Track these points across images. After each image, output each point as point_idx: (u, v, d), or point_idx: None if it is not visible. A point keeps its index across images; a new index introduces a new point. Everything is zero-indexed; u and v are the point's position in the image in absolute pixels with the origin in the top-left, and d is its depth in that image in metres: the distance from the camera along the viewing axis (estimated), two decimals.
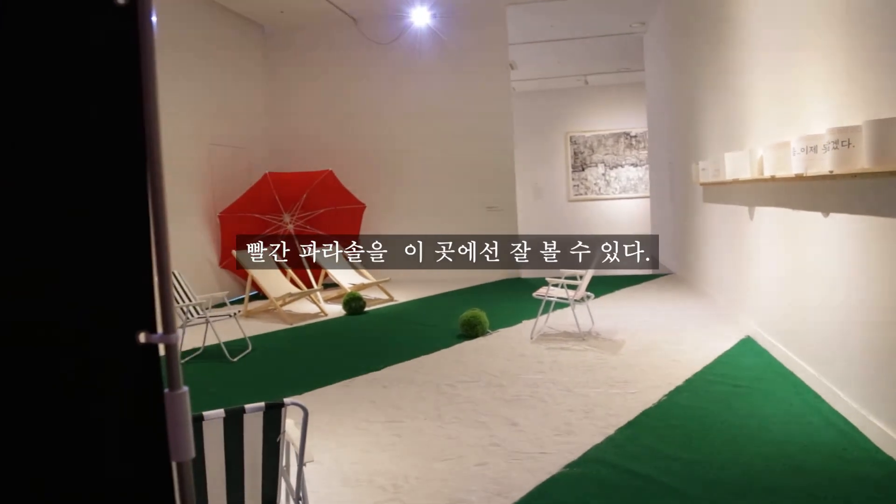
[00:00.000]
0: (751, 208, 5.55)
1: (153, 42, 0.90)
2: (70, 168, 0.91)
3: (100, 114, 0.91)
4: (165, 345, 0.96)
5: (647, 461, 3.29)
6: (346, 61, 10.73)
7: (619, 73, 14.80)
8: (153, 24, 0.90)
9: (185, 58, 8.89)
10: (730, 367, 4.83)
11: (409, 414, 4.25)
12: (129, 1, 0.90)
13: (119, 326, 0.95)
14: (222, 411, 1.95)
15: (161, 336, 0.95)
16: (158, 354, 0.99)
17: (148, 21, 0.89)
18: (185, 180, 8.86)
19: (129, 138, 0.93)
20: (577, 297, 6.03)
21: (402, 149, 10.69)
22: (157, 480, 0.97)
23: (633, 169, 16.45)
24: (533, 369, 5.10)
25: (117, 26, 0.89)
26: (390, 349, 6.05)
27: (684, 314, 6.82)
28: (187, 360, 6.05)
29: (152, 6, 0.89)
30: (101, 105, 0.92)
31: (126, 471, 0.95)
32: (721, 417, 3.83)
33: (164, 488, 0.98)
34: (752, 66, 5.31)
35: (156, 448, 0.97)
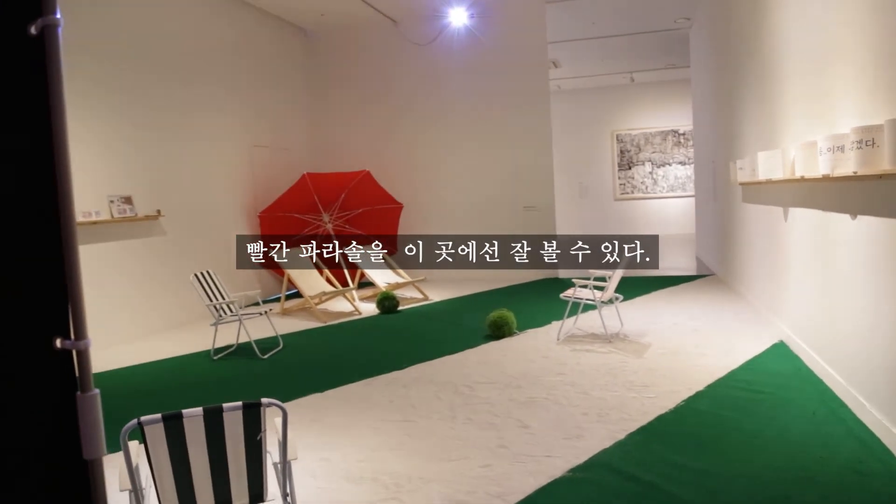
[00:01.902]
0: (785, 209, 5.36)
1: (61, 70, 0.95)
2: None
3: (9, 134, 0.97)
4: (76, 350, 1.01)
5: (654, 468, 3.23)
6: (385, 62, 10.84)
7: (666, 70, 14.48)
8: (60, 54, 0.95)
9: (228, 61, 9.14)
10: (756, 373, 4.68)
11: (424, 414, 4.28)
12: (39, 32, 0.96)
13: (34, 332, 1.00)
14: (201, 409, 2.02)
15: (73, 342, 1.00)
16: (73, 359, 1.04)
17: (56, 51, 0.94)
18: (227, 181, 9.12)
19: (38, 153, 0.99)
20: (604, 299, 5.95)
21: (441, 149, 10.74)
22: (71, 479, 1.02)
23: (680, 167, 16.08)
24: (553, 371, 5.06)
25: (28, 56, 0.95)
26: (416, 348, 6.10)
27: (718, 317, 6.63)
28: (220, 357, 6.24)
29: (60, 38, 0.94)
30: (11, 125, 0.97)
31: (41, 470, 1.01)
32: (738, 425, 3.73)
33: (78, 486, 1.03)
34: (786, 62, 5.13)
35: (70, 447, 1.02)
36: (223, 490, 2.23)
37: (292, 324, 7.72)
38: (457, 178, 10.73)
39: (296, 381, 5.28)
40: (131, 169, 7.41)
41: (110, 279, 7.01)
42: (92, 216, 6.81)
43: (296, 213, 9.76)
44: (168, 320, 7.82)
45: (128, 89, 7.38)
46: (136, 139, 7.49)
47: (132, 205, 7.36)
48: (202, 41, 8.69)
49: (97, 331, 6.77)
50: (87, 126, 6.80)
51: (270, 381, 5.30)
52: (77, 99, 6.69)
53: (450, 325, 7.12)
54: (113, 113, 7.16)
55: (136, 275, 7.40)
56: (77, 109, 6.68)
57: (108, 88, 7.11)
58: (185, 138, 8.30)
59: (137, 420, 1.97)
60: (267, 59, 10.09)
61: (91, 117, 6.87)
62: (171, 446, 2.07)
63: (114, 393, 5.21)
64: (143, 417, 1.98)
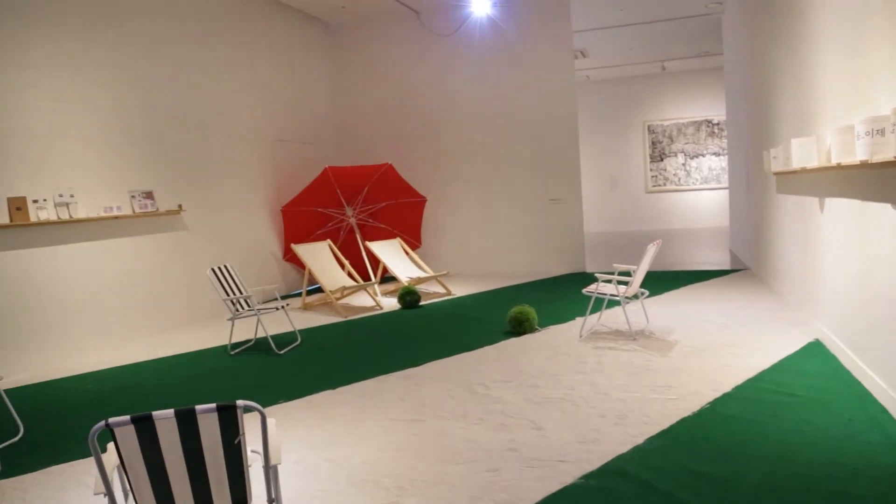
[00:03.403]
0: (820, 199, 5.06)
1: None
2: None
3: None
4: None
5: (672, 476, 3.02)
6: (408, 54, 10.69)
7: (699, 58, 14.04)
8: None
9: (249, 55, 9.09)
10: (788, 374, 4.41)
11: (435, 413, 4.13)
12: None
13: None
14: (172, 411, 1.90)
15: None
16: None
17: None
18: (250, 175, 9.08)
19: None
20: (628, 294, 5.71)
21: (465, 141, 10.56)
22: None
23: (714, 158, 15.62)
24: (573, 370, 4.86)
25: None
26: (434, 345, 5.95)
27: (749, 314, 6.34)
28: (237, 352, 6.18)
29: None
30: None
31: None
32: (766, 431, 3.49)
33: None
34: (822, 41, 4.82)
35: None
36: (203, 494, 2.11)
37: (312, 318, 7.64)
38: (480, 171, 10.54)
39: (309, 377, 5.18)
40: (152, 164, 7.40)
41: (132, 274, 7.01)
42: (114, 211, 6.82)
43: (319, 207, 9.69)
44: (189, 315, 7.81)
45: (149, 83, 7.36)
46: (158, 134, 7.48)
47: (153, 200, 7.35)
48: (224, 35, 8.64)
49: (117, 325, 6.79)
50: (107, 121, 6.79)
51: (284, 377, 5.20)
52: (98, 93, 6.68)
53: (470, 320, 6.95)
54: (134, 107, 7.15)
55: (158, 269, 7.39)
56: (97, 104, 6.67)
57: (129, 82, 7.09)
58: (207, 133, 8.27)
59: (105, 422, 1.85)
60: (289, 53, 10.03)
61: (111, 112, 6.86)
62: (144, 449, 1.95)
63: (127, 387, 5.17)
64: (111, 419, 1.86)
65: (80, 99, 6.52)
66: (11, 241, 5.79)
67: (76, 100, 6.48)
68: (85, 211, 6.50)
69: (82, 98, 6.55)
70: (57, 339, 6.16)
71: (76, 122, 6.47)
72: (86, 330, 6.46)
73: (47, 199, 6.12)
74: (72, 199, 6.33)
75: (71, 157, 6.40)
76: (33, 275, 5.96)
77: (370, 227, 10.23)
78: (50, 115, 6.20)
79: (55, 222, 6.10)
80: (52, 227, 6.16)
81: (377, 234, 10.24)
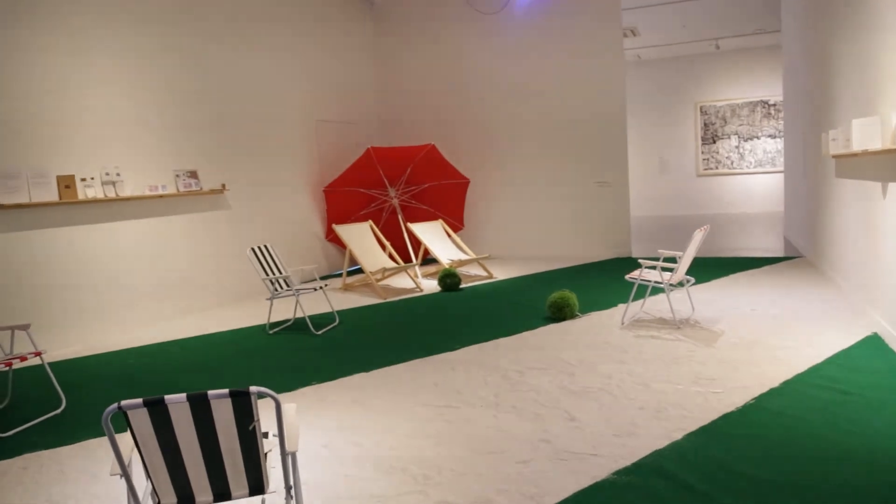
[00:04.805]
0: (883, 184, 4.74)
1: None
2: None
3: None
4: None
5: (710, 475, 2.87)
6: (452, 33, 10.52)
7: (755, 36, 13.43)
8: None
9: (294, 35, 9.08)
10: (842, 370, 4.17)
11: (468, 400, 4.05)
12: None
13: None
14: (184, 396, 1.86)
15: None
16: None
17: None
18: (293, 155, 9.11)
19: None
20: (672, 282, 5.50)
21: (509, 121, 10.36)
22: None
23: (770, 141, 14.99)
24: (613, 359, 4.71)
25: None
26: (472, 329, 5.87)
27: (803, 304, 6.04)
28: (276, 331, 6.22)
29: None
30: None
31: None
32: (815, 430, 3.29)
33: None
34: (888, 19, 4.48)
35: None
36: (220, 479, 2.08)
37: (352, 299, 7.65)
38: (525, 152, 10.34)
39: (344, 358, 5.16)
40: (197, 144, 7.48)
41: (175, 252, 7.12)
42: (158, 190, 6.92)
43: (361, 188, 9.67)
44: (230, 293, 7.92)
45: (193, 64, 7.41)
46: (202, 113, 7.54)
47: (197, 179, 7.44)
48: (267, 13, 8.64)
49: (160, 302, 6.92)
50: (154, 101, 6.87)
51: (318, 358, 5.20)
52: (145, 75, 6.75)
53: (510, 304, 6.84)
54: (177, 87, 7.21)
55: (201, 248, 7.49)
56: (141, 83, 6.75)
57: (173, 63, 7.15)
58: (250, 112, 8.31)
59: (118, 404, 1.82)
60: (333, 32, 9.98)
61: (155, 92, 6.93)
62: (159, 432, 1.92)
63: (167, 363, 5.25)
64: (123, 402, 1.83)
65: (127, 81, 6.60)
66: (60, 219, 5.93)
67: (124, 81, 6.56)
68: (130, 189, 6.62)
69: (130, 80, 6.63)
70: (101, 315, 6.31)
71: (123, 102, 6.56)
72: (129, 306, 6.59)
73: (95, 177, 6.23)
74: (118, 177, 6.44)
75: (118, 136, 6.50)
76: (80, 252, 6.10)
77: (413, 208, 10.17)
78: (99, 96, 6.30)
79: (102, 200, 6.22)
80: (98, 204, 6.28)
81: (420, 215, 10.18)
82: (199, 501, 2.11)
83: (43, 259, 5.76)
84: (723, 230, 12.14)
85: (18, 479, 3.30)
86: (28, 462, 3.51)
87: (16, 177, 5.54)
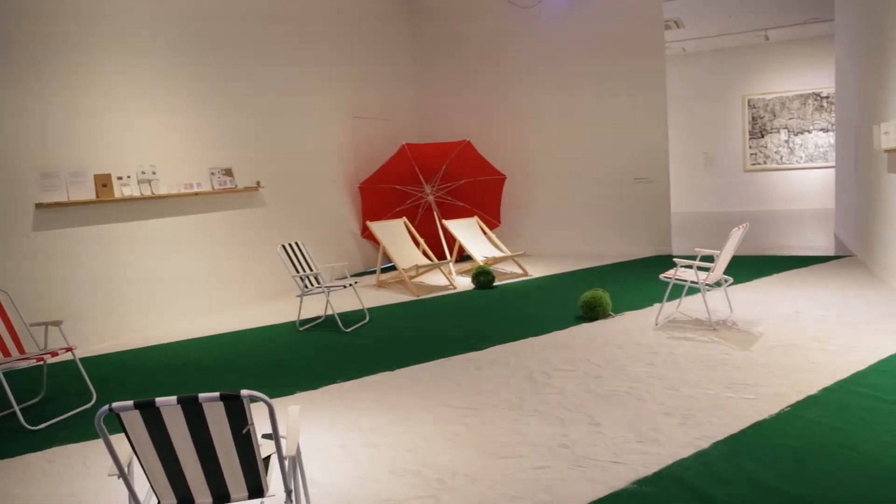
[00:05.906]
0: None
1: None
2: None
3: None
4: None
5: (736, 488, 2.73)
6: (490, 27, 10.40)
7: (806, 26, 12.90)
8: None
9: (330, 30, 9.11)
10: (887, 377, 3.93)
11: (490, 401, 3.97)
12: None
13: None
14: (175, 398, 1.83)
15: None
16: None
17: None
18: (328, 152, 9.15)
19: None
20: (709, 281, 5.30)
21: (546, 117, 10.20)
22: None
23: (822, 135, 14.40)
24: (643, 361, 4.56)
25: None
26: (502, 327, 5.77)
27: (850, 306, 5.74)
28: (306, 328, 6.24)
29: None
30: None
31: None
32: (853, 442, 3.10)
33: None
34: None
35: None
36: (218, 482, 2.06)
37: (384, 296, 7.63)
38: (563, 148, 10.16)
39: (371, 356, 5.14)
40: (232, 141, 7.56)
41: (210, 249, 7.23)
42: (193, 188, 7.02)
43: (396, 184, 9.65)
44: (265, 290, 7.99)
45: (229, 61, 7.50)
46: (237, 111, 7.62)
47: (232, 177, 7.53)
48: (305, 9, 8.68)
49: (194, 299, 7.02)
50: (188, 99, 6.97)
51: (346, 356, 5.19)
52: (178, 71, 6.86)
53: (543, 303, 6.71)
54: (213, 85, 7.30)
55: (236, 245, 7.59)
56: (177, 82, 6.86)
57: (209, 60, 7.25)
58: (286, 109, 8.37)
59: (109, 406, 1.81)
60: (370, 27, 9.98)
61: (191, 90, 7.03)
62: (153, 435, 1.90)
63: (198, 359, 5.32)
64: (114, 404, 1.82)
65: (162, 80, 6.71)
66: (97, 216, 6.07)
67: (159, 80, 6.67)
68: (166, 187, 6.73)
69: (165, 79, 6.74)
70: (135, 311, 6.44)
71: (159, 101, 6.67)
72: (163, 303, 6.71)
73: (131, 175, 6.36)
74: (154, 175, 6.56)
75: (153, 135, 6.62)
76: (116, 249, 6.24)
77: (448, 204, 10.11)
78: (134, 96, 6.42)
79: (138, 198, 6.34)
80: (134, 202, 6.41)
81: (455, 212, 10.11)
82: (198, 503, 2.09)
83: (80, 256, 5.91)
84: (770, 227, 11.71)
85: (45, 472, 3.37)
86: (55, 455, 3.58)
87: (55, 176, 5.69)
